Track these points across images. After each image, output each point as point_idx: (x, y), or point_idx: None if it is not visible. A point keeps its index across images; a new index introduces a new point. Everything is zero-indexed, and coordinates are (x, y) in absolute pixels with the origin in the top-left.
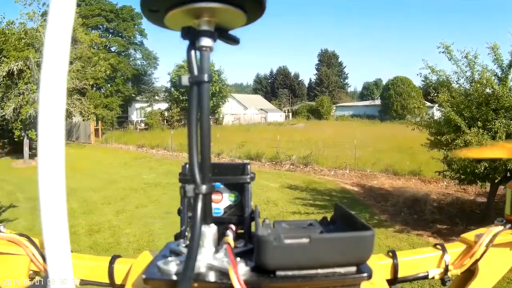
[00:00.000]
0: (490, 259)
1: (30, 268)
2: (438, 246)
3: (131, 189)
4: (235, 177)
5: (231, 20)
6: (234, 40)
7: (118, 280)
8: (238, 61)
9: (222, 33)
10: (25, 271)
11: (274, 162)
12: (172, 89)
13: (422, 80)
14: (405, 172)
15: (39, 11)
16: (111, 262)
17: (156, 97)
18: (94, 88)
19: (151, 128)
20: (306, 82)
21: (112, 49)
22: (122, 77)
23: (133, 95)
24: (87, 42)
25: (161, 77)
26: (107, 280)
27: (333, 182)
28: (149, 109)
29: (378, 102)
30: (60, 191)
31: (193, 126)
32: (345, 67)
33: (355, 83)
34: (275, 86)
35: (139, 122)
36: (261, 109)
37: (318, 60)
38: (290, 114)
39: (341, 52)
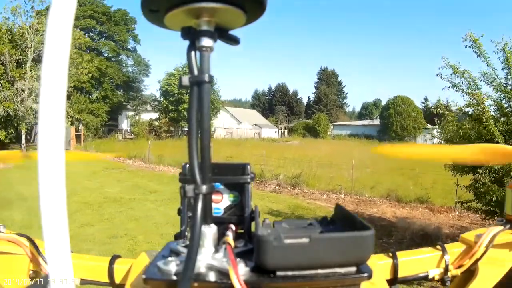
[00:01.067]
0: (490, 259)
1: (30, 268)
2: (438, 246)
3: (86, 204)
4: (235, 177)
5: (231, 20)
6: (234, 40)
7: (118, 280)
8: (237, 76)
9: (222, 33)
10: (25, 271)
11: (258, 181)
12: (162, 98)
13: (449, 86)
14: (410, 199)
15: (25, 7)
16: (111, 262)
17: (145, 106)
18: (79, 92)
19: (137, 137)
20: (305, 100)
21: (104, 53)
22: (111, 83)
23: (124, 102)
24: (77, 40)
25: (151, 85)
26: (107, 280)
27: (325, 209)
28: (136, 117)
29: (377, 122)
30: (60, 191)
31: (193, 126)
32: (344, 86)
33: (353, 103)
34: (273, 103)
35: (128, 131)
36: (255, 124)
37: (318, 78)
38: (286, 131)
39: (341, 71)
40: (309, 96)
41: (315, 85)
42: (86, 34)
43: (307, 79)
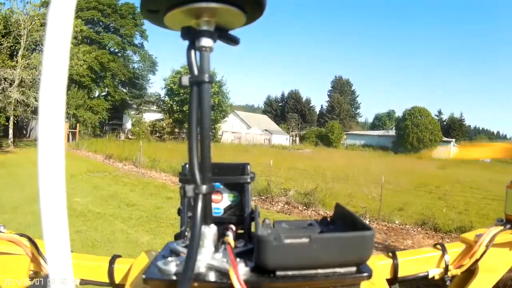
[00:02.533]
0: (490, 259)
1: (30, 268)
2: (438, 246)
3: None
4: (235, 177)
5: (231, 20)
6: (234, 40)
7: (118, 280)
8: (250, 82)
9: (222, 33)
10: (25, 271)
11: (263, 198)
12: (166, 97)
13: None
14: (450, 227)
15: None
16: (111, 262)
17: (149, 106)
18: (77, 87)
19: (138, 138)
20: (317, 109)
21: (107, 47)
22: (113, 79)
23: (129, 101)
24: None
25: (156, 83)
26: (107, 280)
27: None
28: (138, 116)
29: (392, 132)
30: (60, 191)
31: (194, 126)
32: (357, 96)
33: (366, 113)
34: (285, 110)
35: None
36: (266, 130)
37: (331, 87)
38: (297, 138)
39: (354, 81)
40: (322, 105)
41: (328, 94)
42: (89, 26)
43: (321, 88)
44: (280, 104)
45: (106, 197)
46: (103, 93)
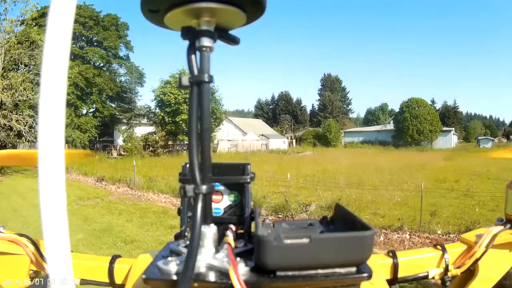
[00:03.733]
0: (490, 259)
1: (30, 268)
2: (438, 246)
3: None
4: (235, 177)
5: (231, 20)
6: (234, 40)
7: (118, 280)
8: (239, 87)
9: (222, 33)
10: (25, 271)
11: (280, 215)
12: (157, 109)
13: None
14: None
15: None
16: (111, 262)
17: (139, 119)
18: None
19: (130, 154)
20: (308, 109)
21: (92, 61)
22: (100, 95)
23: (119, 116)
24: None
25: (144, 95)
26: (107, 280)
27: None
28: (129, 131)
29: (390, 126)
30: (60, 191)
31: (194, 126)
32: (348, 92)
33: (357, 109)
34: (277, 112)
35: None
36: (262, 135)
37: (321, 85)
38: (294, 140)
39: (343, 77)
40: (312, 104)
41: (319, 92)
42: (72, 42)
43: (310, 87)
44: (271, 107)
45: (99, 232)
46: (92, 110)
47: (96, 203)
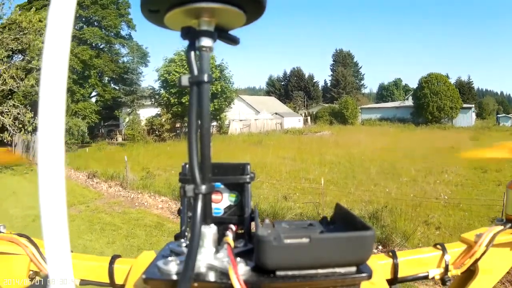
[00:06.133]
0: (490, 259)
1: (30, 268)
2: (438, 246)
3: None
4: (235, 177)
5: (231, 20)
6: (234, 40)
7: (118, 280)
8: (250, 64)
9: (222, 33)
10: (25, 271)
11: None
12: (162, 90)
13: None
14: None
15: None
16: (111, 262)
17: (142, 101)
18: None
19: (133, 141)
20: (320, 85)
21: (90, 42)
22: (101, 77)
23: (121, 99)
24: (31, 24)
25: (148, 75)
26: (107, 280)
27: None
28: (130, 116)
29: (408, 103)
30: (60, 191)
31: (193, 126)
32: (361, 67)
33: (368, 84)
34: (289, 89)
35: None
36: (276, 113)
37: (333, 61)
38: (309, 118)
39: (354, 52)
40: (325, 80)
41: (331, 68)
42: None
43: (321, 63)
44: (282, 83)
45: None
46: (94, 94)
47: (78, 211)
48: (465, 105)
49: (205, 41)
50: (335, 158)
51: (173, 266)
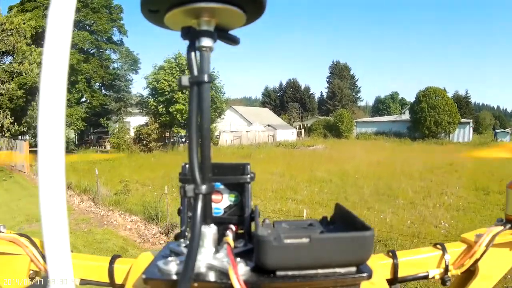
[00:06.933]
0: (490, 259)
1: (30, 268)
2: (438, 246)
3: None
4: (235, 177)
5: (231, 20)
6: (234, 40)
7: (118, 280)
8: (246, 74)
9: (222, 33)
10: (25, 271)
11: None
12: (150, 98)
13: None
14: None
15: None
16: (111, 262)
17: (132, 109)
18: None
19: (118, 150)
20: (316, 97)
21: (79, 47)
22: (89, 83)
23: (109, 106)
24: (13, 25)
25: (136, 82)
26: (107, 280)
27: None
28: (116, 125)
29: (405, 117)
30: (60, 191)
31: (193, 126)
32: (357, 80)
33: (365, 97)
34: (285, 100)
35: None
36: (269, 125)
37: (330, 73)
38: (303, 130)
39: (351, 65)
40: (321, 92)
41: (328, 80)
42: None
43: (317, 75)
44: (278, 94)
45: None
46: (82, 100)
47: (33, 230)
48: (463, 120)
49: (205, 41)
50: (327, 175)
51: (173, 266)
